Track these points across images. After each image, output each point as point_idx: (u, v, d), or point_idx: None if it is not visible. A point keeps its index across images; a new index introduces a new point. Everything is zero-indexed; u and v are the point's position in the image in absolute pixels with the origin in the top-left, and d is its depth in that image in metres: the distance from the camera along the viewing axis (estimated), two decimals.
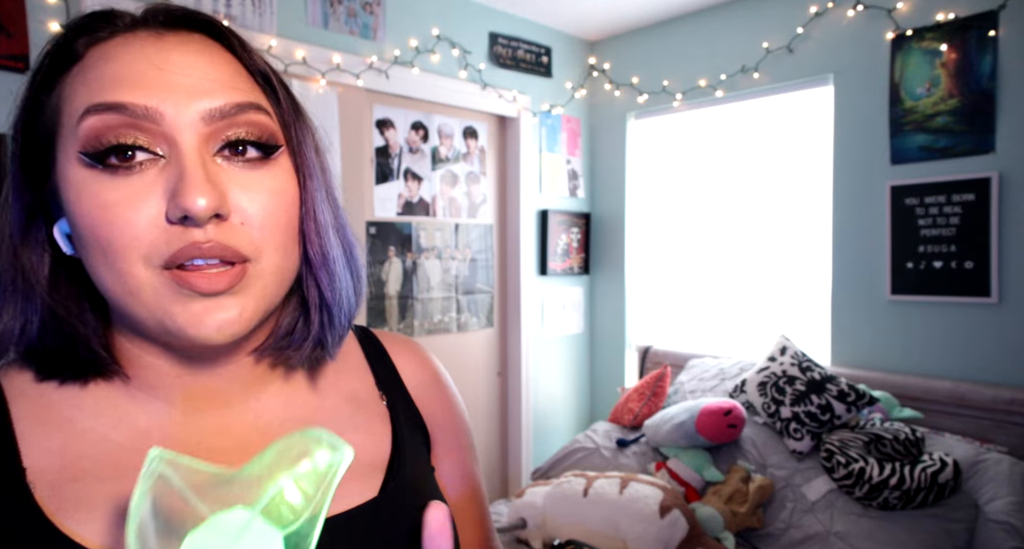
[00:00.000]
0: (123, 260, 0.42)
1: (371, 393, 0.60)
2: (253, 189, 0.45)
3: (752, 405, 2.35)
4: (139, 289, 0.43)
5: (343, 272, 0.53)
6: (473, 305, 3.01)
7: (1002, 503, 1.85)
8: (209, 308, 0.43)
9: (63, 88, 0.44)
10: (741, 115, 2.89)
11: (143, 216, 0.42)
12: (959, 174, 2.23)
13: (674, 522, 1.87)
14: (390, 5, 2.55)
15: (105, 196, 0.42)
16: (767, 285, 2.84)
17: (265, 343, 0.52)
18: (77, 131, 0.42)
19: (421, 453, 0.60)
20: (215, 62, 0.46)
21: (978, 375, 2.21)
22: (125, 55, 0.44)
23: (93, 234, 0.42)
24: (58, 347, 0.47)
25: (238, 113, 0.45)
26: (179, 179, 0.42)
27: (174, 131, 0.43)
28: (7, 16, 1.72)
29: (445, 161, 2.87)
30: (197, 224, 0.42)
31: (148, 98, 0.42)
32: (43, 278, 0.47)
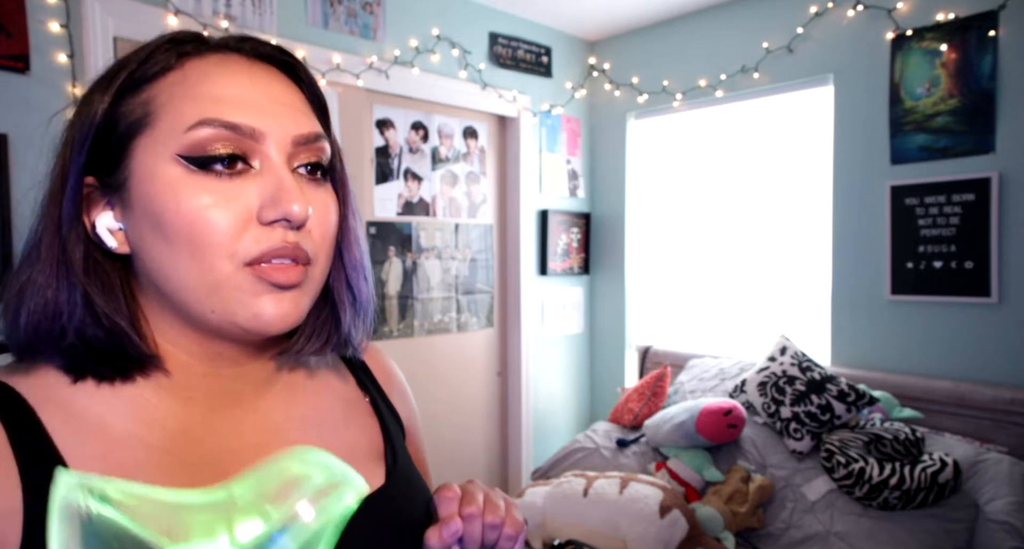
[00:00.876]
0: (212, 255, 0.47)
1: (355, 392, 0.67)
2: (316, 204, 0.52)
3: (752, 405, 2.35)
4: (220, 283, 0.48)
5: (370, 277, 0.61)
6: (473, 305, 3.00)
7: (1002, 503, 1.85)
8: (275, 300, 0.49)
9: (157, 93, 0.49)
10: (741, 115, 2.89)
11: (235, 216, 0.47)
12: (959, 174, 2.23)
13: (674, 522, 1.87)
14: (390, 5, 2.55)
15: (202, 196, 0.47)
16: (767, 285, 2.84)
17: (288, 346, 0.57)
18: (184, 138, 0.47)
19: (403, 443, 0.67)
20: (295, 93, 0.54)
21: (978, 375, 2.21)
22: (228, 76, 0.50)
23: (187, 229, 0.47)
24: (100, 342, 0.49)
25: (316, 141, 0.53)
26: (278, 188, 0.48)
27: (270, 149, 0.49)
28: (7, 16, 1.72)
29: (445, 161, 2.87)
30: (291, 227, 0.49)
31: (256, 121, 0.49)
32: (80, 269, 0.50)
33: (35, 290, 0.49)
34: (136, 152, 0.49)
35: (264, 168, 0.49)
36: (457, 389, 2.97)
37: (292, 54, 0.55)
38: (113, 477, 0.33)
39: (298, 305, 0.51)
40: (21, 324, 0.49)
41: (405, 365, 2.73)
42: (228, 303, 0.48)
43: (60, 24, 1.81)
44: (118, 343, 0.50)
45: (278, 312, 0.49)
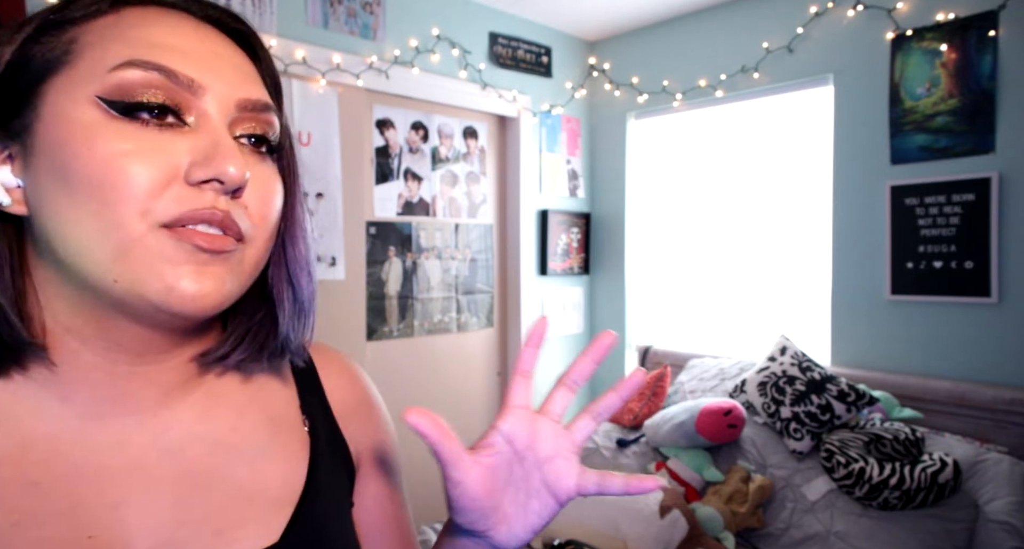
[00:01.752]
0: (122, 211, 0.39)
1: (294, 416, 0.55)
2: (258, 178, 0.45)
3: (752, 405, 2.35)
4: (129, 246, 0.40)
5: (314, 275, 0.53)
6: (473, 305, 3.01)
7: (1002, 503, 1.85)
8: (196, 272, 0.41)
9: (82, 33, 0.42)
10: (741, 115, 2.89)
11: (157, 170, 0.40)
12: (959, 174, 2.23)
13: (674, 522, 1.87)
14: (390, 5, 2.55)
15: (121, 144, 0.40)
16: (767, 285, 2.84)
17: (212, 348, 0.49)
18: (107, 78, 0.40)
19: (339, 486, 0.56)
20: (245, 62, 0.48)
21: (978, 375, 2.21)
22: (170, 26, 0.44)
23: (96, 178, 0.39)
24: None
25: (263, 110, 0.46)
26: (213, 146, 0.42)
27: (209, 106, 0.43)
28: (7, 16, 1.72)
29: (445, 161, 2.87)
30: (224, 190, 0.42)
31: (196, 72, 0.43)
32: None
33: None
34: (48, 93, 0.41)
35: (200, 126, 0.43)
36: (457, 389, 2.97)
37: (245, 22, 0.49)
38: None
39: (222, 284, 0.43)
40: None
41: (405, 365, 2.74)
42: (137, 270, 0.40)
43: None
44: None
45: (198, 288, 0.41)
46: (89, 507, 0.44)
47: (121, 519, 0.44)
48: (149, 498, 0.46)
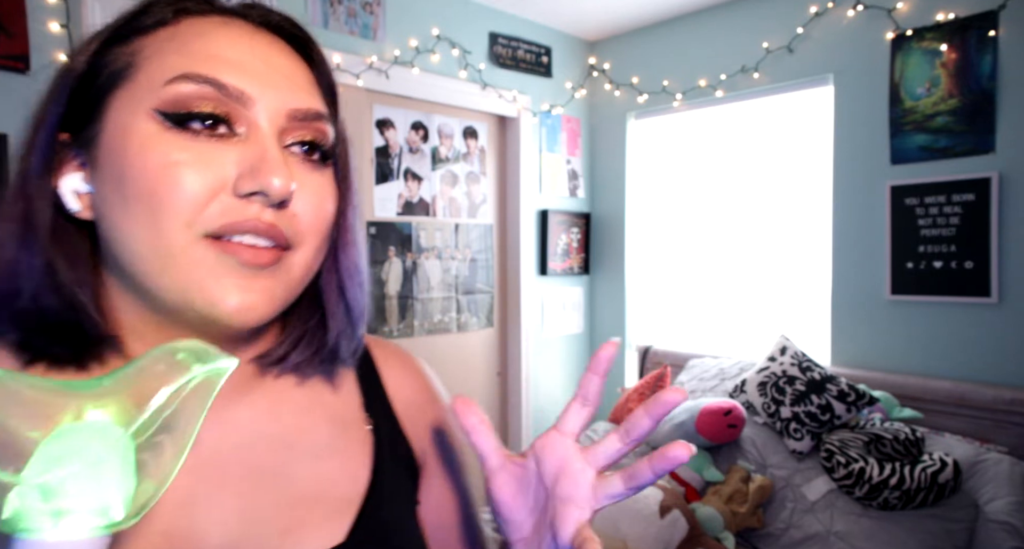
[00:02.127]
0: (168, 219, 0.41)
1: (356, 415, 0.56)
2: (309, 186, 0.46)
3: (752, 405, 2.35)
4: (174, 255, 0.41)
5: (366, 284, 0.54)
6: (473, 305, 3.01)
7: (1002, 503, 1.85)
8: (242, 286, 0.42)
9: (145, 45, 0.44)
10: (741, 115, 2.89)
11: (206, 181, 0.41)
12: (959, 174, 2.23)
13: (674, 522, 1.87)
14: (390, 5, 2.55)
15: (174, 155, 0.41)
16: (767, 285, 2.84)
17: (270, 350, 0.51)
18: (162, 91, 0.42)
19: (403, 487, 0.56)
20: (301, 69, 0.48)
21: (978, 375, 2.21)
22: (226, 37, 0.45)
23: (148, 190, 0.41)
24: (56, 315, 0.44)
25: (315, 119, 0.47)
26: (260, 158, 0.42)
27: (259, 117, 0.44)
28: (7, 16, 1.72)
29: (445, 161, 2.87)
30: (268, 202, 0.42)
31: (246, 84, 0.43)
32: (46, 232, 0.45)
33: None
34: (112, 105, 0.43)
35: (250, 136, 0.43)
36: (457, 389, 2.97)
37: (303, 29, 0.50)
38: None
39: (271, 296, 0.43)
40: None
41: None
42: (183, 281, 0.42)
43: (60, 24, 1.81)
44: (75, 317, 0.44)
45: (243, 301, 0.42)
46: (161, 503, 0.44)
47: (192, 516, 0.45)
48: (218, 495, 0.47)
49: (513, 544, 0.48)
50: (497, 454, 0.48)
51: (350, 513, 0.50)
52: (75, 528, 0.30)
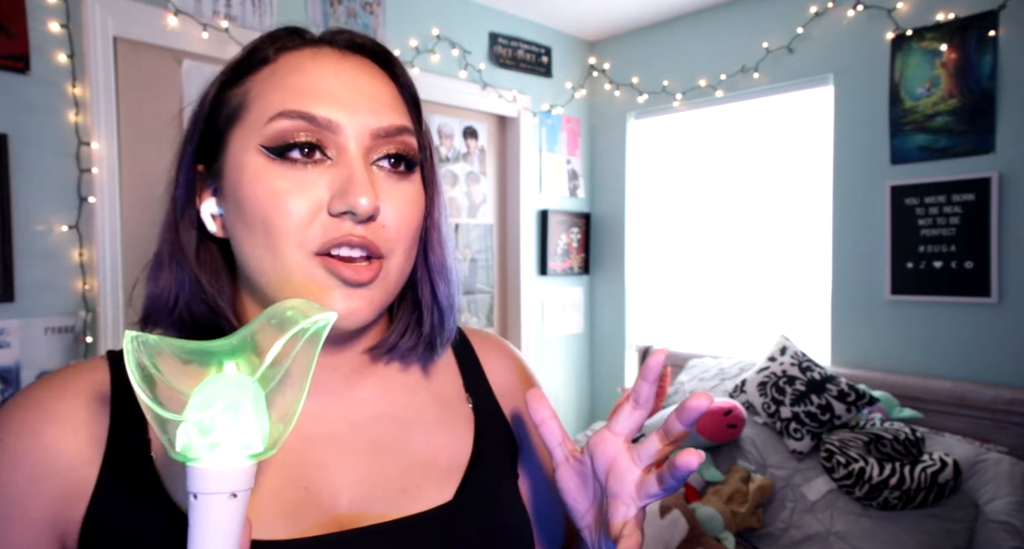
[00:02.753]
0: (284, 243, 0.48)
1: (458, 394, 0.63)
2: (396, 198, 0.52)
3: (752, 405, 2.35)
4: (292, 271, 0.48)
5: (455, 280, 0.60)
6: (473, 305, 3.00)
7: (1002, 503, 1.85)
8: (346, 296, 0.49)
9: (252, 85, 0.52)
10: (741, 115, 2.89)
11: (307, 204, 0.48)
12: (959, 174, 2.23)
13: (674, 522, 1.87)
14: (390, 5, 2.55)
15: (278, 184, 0.48)
16: (767, 285, 2.84)
17: (380, 342, 0.58)
18: (265, 129, 0.49)
19: (503, 459, 0.62)
20: (382, 86, 0.54)
21: (978, 375, 2.21)
22: (315, 69, 0.51)
23: (261, 216, 0.48)
24: (204, 319, 0.53)
25: (397, 134, 0.52)
26: (347, 180, 0.49)
27: (346, 140, 0.50)
28: (7, 16, 1.72)
29: (445, 161, 2.87)
30: (356, 219, 0.48)
31: (333, 113, 0.50)
32: (192, 251, 0.54)
33: (157, 269, 0.54)
34: (231, 142, 0.51)
35: (339, 159, 0.50)
36: None
37: (385, 47, 0.56)
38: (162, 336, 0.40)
39: (371, 302, 0.51)
40: (144, 297, 0.54)
41: None
42: (300, 293, 0.49)
43: (60, 24, 1.81)
44: (216, 321, 0.53)
45: (348, 308, 0.49)
46: (303, 466, 0.53)
47: (328, 476, 0.54)
48: (346, 461, 0.55)
49: (580, 530, 0.54)
50: (562, 448, 0.54)
51: (456, 478, 0.57)
52: (227, 457, 0.37)
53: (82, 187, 1.85)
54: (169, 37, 2.00)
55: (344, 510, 0.53)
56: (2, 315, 1.74)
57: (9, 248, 1.74)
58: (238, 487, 0.38)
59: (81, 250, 1.86)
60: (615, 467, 0.50)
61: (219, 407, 0.37)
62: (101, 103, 1.87)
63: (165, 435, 0.37)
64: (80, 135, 1.84)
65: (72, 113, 1.83)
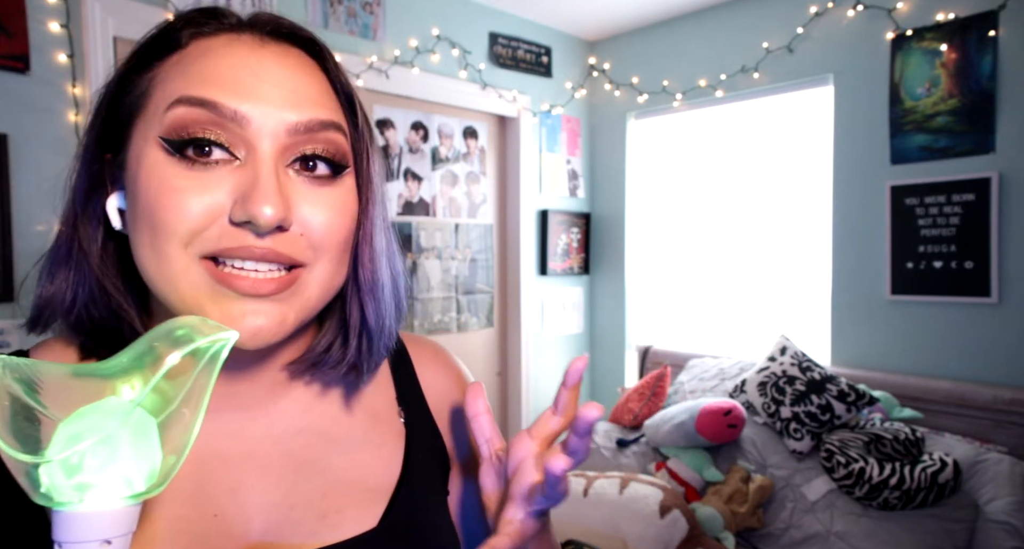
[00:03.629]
0: (166, 241, 0.42)
1: (390, 408, 0.59)
2: (317, 204, 0.46)
3: (752, 405, 2.35)
4: (177, 275, 0.43)
5: (389, 299, 0.53)
6: (473, 305, 3.00)
7: (1002, 503, 1.85)
8: (247, 312, 0.43)
9: (159, 72, 0.46)
10: (741, 115, 2.89)
11: (203, 205, 0.42)
12: (959, 174, 2.23)
13: (674, 522, 1.87)
14: (390, 5, 2.55)
15: (174, 182, 0.43)
16: (767, 285, 2.84)
17: (300, 359, 0.52)
18: (164, 117, 0.43)
19: (433, 476, 0.58)
20: (307, 78, 0.47)
21: (978, 375, 2.21)
22: (226, 56, 0.45)
23: (149, 212, 0.43)
24: (104, 322, 0.48)
25: (319, 130, 0.46)
26: (252, 185, 0.42)
27: (256, 138, 0.44)
28: (7, 16, 1.72)
29: (445, 161, 2.87)
30: (258, 231, 0.43)
31: (239, 102, 0.43)
32: (96, 249, 0.48)
33: (53, 265, 0.48)
34: (134, 132, 0.46)
35: (248, 160, 0.44)
36: None
37: (314, 36, 0.50)
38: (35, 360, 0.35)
39: (282, 321, 0.44)
40: (36, 297, 0.48)
41: None
42: (188, 302, 0.43)
43: (60, 24, 1.81)
44: (118, 324, 0.48)
45: (248, 327, 0.43)
46: (212, 490, 0.49)
47: (240, 501, 0.49)
48: (262, 483, 0.50)
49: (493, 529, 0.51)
50: (488, 445, 0.51)
51: (382, 501, 0.53)
52: (100, 500, 0.32)
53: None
54: None
55: (256, 539, 0.48)
56: (2, 315, 1.74)
57: (9, 248, 1.74)
58: (114, 532, 0.33)
59: None
60: (520, 469, 0.48)
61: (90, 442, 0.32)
62: None
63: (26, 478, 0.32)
64: (80, 135, 1.84)
65: (72, 113, 1.83)
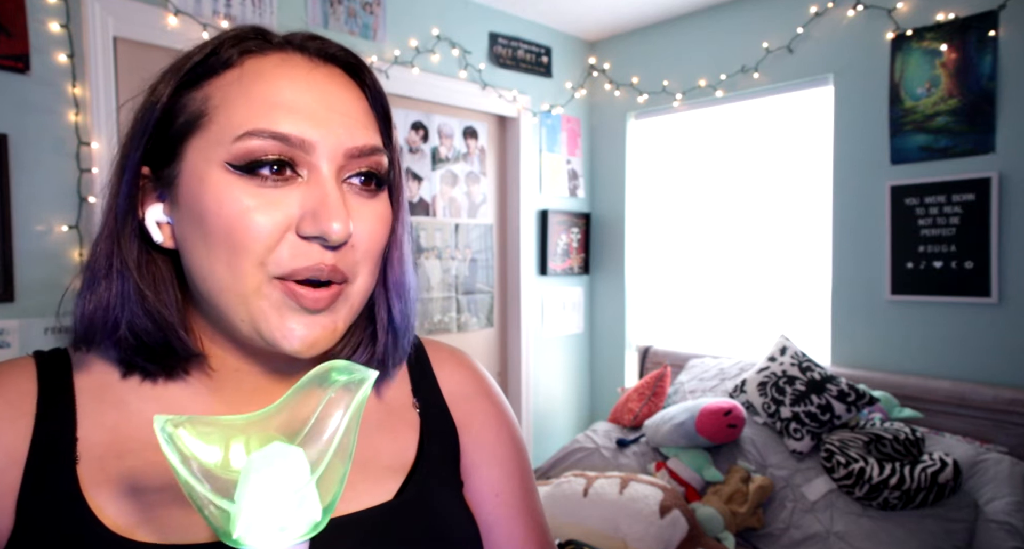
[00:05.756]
0: (245, 261, 0.46)
1: (405, 400, 0.62)
2: (366, 217, 0.50)
3: (752, 405, 2.35)
4: (250, 293, 0.46)
5: (414, 299, 0.58)
6: (473, 305, 3.00)
7: (1002, 503, 1.85)
8: (306, 324, 0.47)
9: (214, 91, 0.48)
10: (741, 115, 2.89)
11: (273, 221, 0.46)
12: (959, 174, 2.23)
13: (674, 522, 1.87)
14: (390, 5, 2.55)
15: (245, 201, 0.46)
16: (767, 285, 2.84)
17: (331, 357, 0.54)
18: (233, 147, 0.46)
19: (447, 466, 0.61)
20: (355, 100, 0.51)
21: (978, 375, 2.21)
22: (285, 78, 0.48)
23: (225, 232, 0.46)
24: (149, 336, 0.50)
25: (371, 153, 0.50)
26: (320, 202, 0.46)
27: (319, 160, 0.47)
28: (7, 16, 1.72)
29: (445, 161, 2.87)
30: (328, 244, 0.46)
31: (306, 131, 0.47)
32: (135, 263, 0.50)
33: (94, 281, 0.50)
34: (188, 151, 0.48)
35: (311, 178, 0.47)
36: None
37: (358, 57, 0.53)
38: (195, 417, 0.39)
39: (334, 331, 0.49)
40: (78, 314, 0.50)
41: None
42: (256, 316, 0.47)
43: (60, 24, 1.81)
44: (165, 337, 0.50)
45: (308, 337, 0.47)
46: None
47: None
48: None
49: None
50: None
51: (398, 479, 0.56)
52: (287, 538, 0.36)
53: (82, 187, 1.85)
54: (169, 37, 2.00)
55: None
56: (2, 315, 1.74)
57: (9, 248, 1.74)
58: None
59: (81, 250, 1.86)
60: None
61: (275, 489, 0.35)
62: (101, 103, 1.87)
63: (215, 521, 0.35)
64: (80, 135, 1.84)
65: (72, 113, 1.83)
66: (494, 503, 0.62)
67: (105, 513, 0.47)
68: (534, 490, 0.66)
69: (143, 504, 0.48)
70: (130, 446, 0.50)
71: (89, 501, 0.47)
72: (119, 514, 0.47)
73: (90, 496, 0.47)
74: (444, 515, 0.57)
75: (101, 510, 0.47)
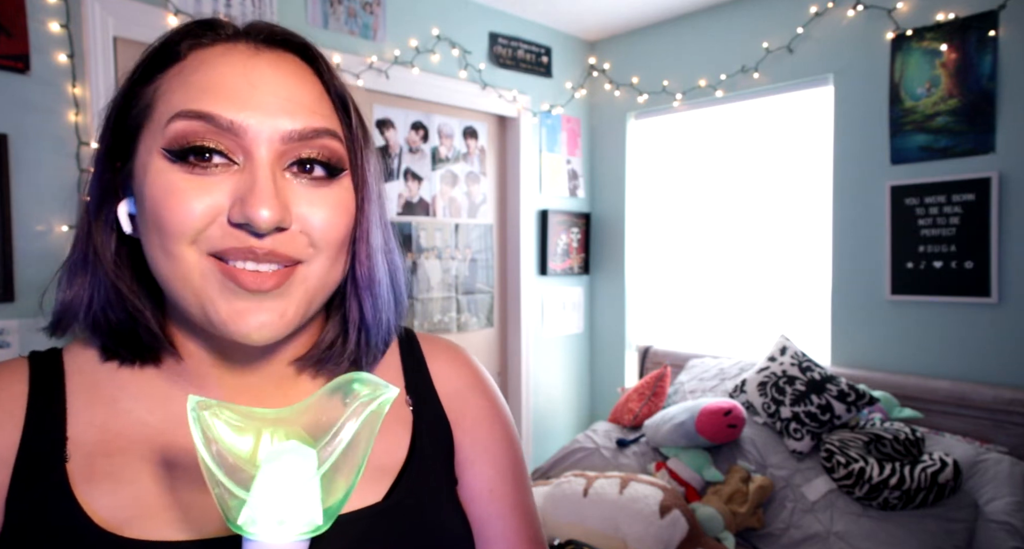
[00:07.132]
0: (175, 242, 0.45)
1: (398, 398, 0.60)
2: (315, 203, 0.48)
3: (752, 405, 2.35)
4: (188, 272, 0.46)
5: (387, 295, 0.56)
6: (473, 305, 3.00)
7: (1002, 503, 1.85)
8: (251, 308, 0.46)
9: (161, 83, 0.48)
10: (741, 115, 2.89)
11: (204, 205, 0.45)
12: (959, 174, 2.23)
13: (674, 522, 1.87)
14: (390, 5, 2.55)
15: (176, 184, 0.45)
16: (767, 285, 2.84)
17: (305, 355, 0.55)
18: (166, 130, 0.46)
19: (440, 463, 0.60)
20: (302, 84, 0.49)
21: (978, 375, 2.21)
22: (222, 65, 0.47)
23: (155, 214, 0.46)
24: (121, 324, 0.51)
25: (314, 137, 0.48)
26: (249, 188, 0.45)
27: (253, 145, 0.46)
28: (7, 16, 1.72)
29: (445, 161, 2.87)
30: (256, 232, 0.45)
31: (235, 113, 0.46)
32: (110, 255, 0.51)
33: (71, 271, 0.51)
34: (140, 142, 0.48)
35: (247, 165, 0.46)
36: None
37: (308, 41, 0.52)
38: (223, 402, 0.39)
39: (283, 315, 0.47)
40: (56, 304, 0.51)
41: None
42: (200, 297, 0.46)
43: (60, 24, 1.81)
44: (134, 326, 0.51)
45: (253, 322, 0.46)
46: None
47: None
48: None
49: None
50: None
51: (387, 479, 0.55)
52: (288, 533, 0.37)
53: (82, 187, 1.85)
54: None
55: None
56: (2, 315, 1.74)
57: (9, 248, 1.74)
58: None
59: None
60: None
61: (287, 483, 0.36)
62: (101, 103, 1.87)
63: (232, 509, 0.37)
64: (80, 135, 1.84)
65: (72, 113, 1.83)
66: (487, 500, 0.62)
67: (95, 510, 0.47)
68: (528, 487, 0.65)
69: (133, 501, 0.48)
70: (119, 444, 0.51)
71: (79, 498, 0.47)
72: (109, 511, 0.48)
73: (80, 494, 0.48)
74: (434, 517, 0.56)
75: (91, 507, 0.47)
